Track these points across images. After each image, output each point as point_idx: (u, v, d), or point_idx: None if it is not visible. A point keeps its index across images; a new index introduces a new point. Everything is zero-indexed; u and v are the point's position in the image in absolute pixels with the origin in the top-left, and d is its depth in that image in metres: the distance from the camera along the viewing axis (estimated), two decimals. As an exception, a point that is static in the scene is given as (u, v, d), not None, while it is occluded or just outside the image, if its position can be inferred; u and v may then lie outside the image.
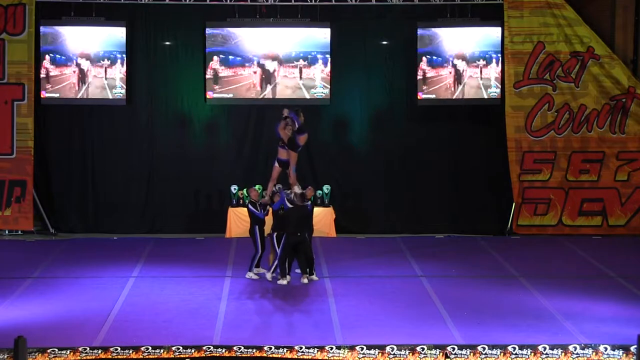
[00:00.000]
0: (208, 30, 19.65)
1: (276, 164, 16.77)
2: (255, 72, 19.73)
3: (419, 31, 19.80)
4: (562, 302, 14.62)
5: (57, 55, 19.56)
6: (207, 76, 19.72)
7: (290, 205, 15.85)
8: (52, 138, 20.25)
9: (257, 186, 18.09)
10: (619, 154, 20.10)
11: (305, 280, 15.78)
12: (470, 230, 20.21)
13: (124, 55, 19.62)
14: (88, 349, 12.08)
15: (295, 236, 15.65)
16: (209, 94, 19.82)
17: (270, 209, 16.13)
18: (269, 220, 16.21)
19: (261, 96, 19.81)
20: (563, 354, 12.11)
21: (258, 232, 16.16)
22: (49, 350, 11.98)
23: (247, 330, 13.17)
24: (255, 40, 19.67)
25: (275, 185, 16.80)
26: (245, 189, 19.03)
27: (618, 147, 20.10)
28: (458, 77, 19.94)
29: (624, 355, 12.01)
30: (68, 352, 11.99)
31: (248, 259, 16.39)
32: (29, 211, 19.71)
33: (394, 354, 12.09)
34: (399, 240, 19.52)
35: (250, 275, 16.15)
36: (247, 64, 19.72)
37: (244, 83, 19.74)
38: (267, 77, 19.76)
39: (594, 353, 12.11)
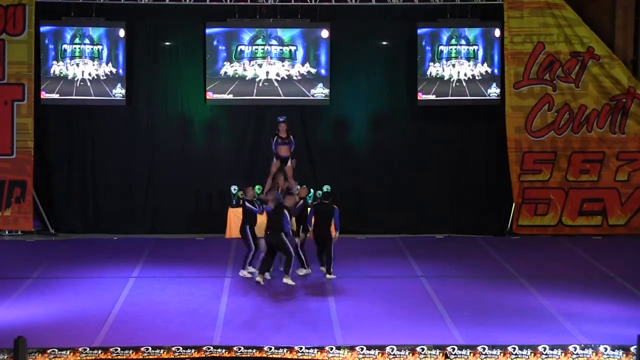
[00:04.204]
0: (208, 30, 19.64)
1: (275, 160, 16.74)
2: (255, 73, 19.70)
3: (419, 31, 19.80)
4: (562, 302, 14.63)
5: (57, 56, 19.55)
6: (207, 76, 19.70)
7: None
8: (52, 138, 20.23)
9: (257, 187, 18.10)
10: (619, 154, 20.09)
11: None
12: (470, 230, 20.19)
13: (124, 56, 19.61)
14: (88, 349, 12.09)
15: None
16: (209, 94, 19.80)
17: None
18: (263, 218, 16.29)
19: (261, 96, 19.78)
20: (563, 354, 12.12)
21: (249, 230, 16.20)
22: (49, 351, 11.99)
23: (247, 330, 13.18)
24: (255, 41, 19.65)
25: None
26: (237, 187, 19.04)
27: (618, 147, 20.09)
28: (458, 77, 19.92)
29: (624, 355, 12.01)
30: (68, 352, 12.00)
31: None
32: (29, 211, 19.69)
33: (394, 354, 12.10)
34: (399, 240, 19.50)
35: (244, 273, 16.15)
36: (247, 65, 19.70)
37: (244, 83, 19.72)
38: (268, 78, 19.73)
39: (594, 353, 12.12)
